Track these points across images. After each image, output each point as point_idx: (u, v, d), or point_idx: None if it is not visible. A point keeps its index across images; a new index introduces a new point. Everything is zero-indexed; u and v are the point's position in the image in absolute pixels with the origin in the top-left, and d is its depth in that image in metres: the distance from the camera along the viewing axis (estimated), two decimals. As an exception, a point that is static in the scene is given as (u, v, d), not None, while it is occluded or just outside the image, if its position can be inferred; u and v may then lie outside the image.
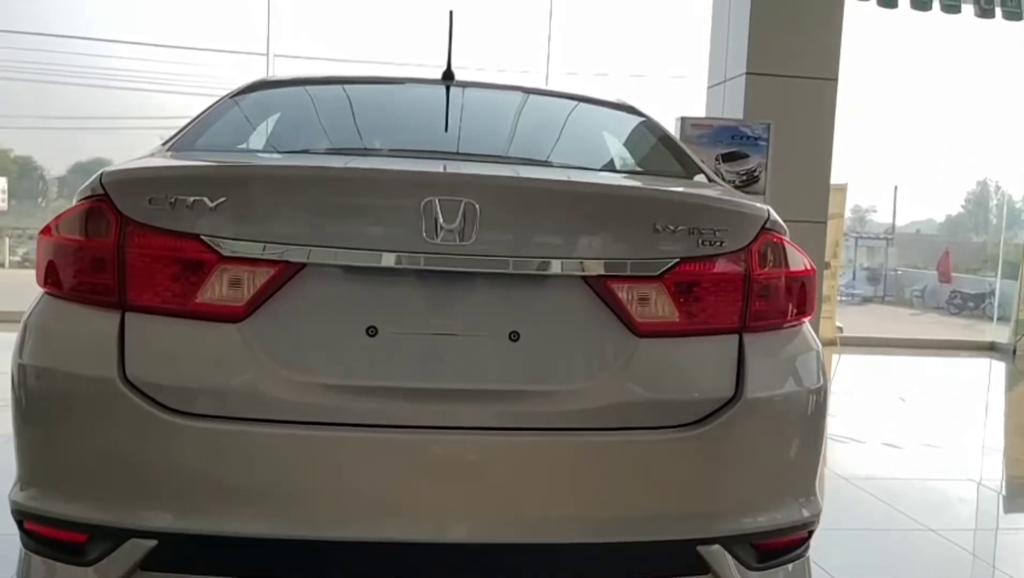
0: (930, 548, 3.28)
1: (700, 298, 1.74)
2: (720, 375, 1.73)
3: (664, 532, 1.68)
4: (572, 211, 1.71)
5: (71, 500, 1.63)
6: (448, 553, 1.63)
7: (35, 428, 1.67)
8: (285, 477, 1.59)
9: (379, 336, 1.63)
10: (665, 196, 1.88)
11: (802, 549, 1.86)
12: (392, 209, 1.64)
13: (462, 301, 1.68)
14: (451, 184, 1.66)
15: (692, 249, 1.72)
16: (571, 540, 1.66)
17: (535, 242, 1.67)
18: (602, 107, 2.74)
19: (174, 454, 1.58)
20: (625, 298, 1.70)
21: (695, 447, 1.69)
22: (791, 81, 6.52)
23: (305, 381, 1.61)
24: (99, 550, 1.61)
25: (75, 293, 1.67)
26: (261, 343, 1.61)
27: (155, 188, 1.63)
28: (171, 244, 1.62)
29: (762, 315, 1.79)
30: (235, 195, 1.62)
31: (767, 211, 1.83)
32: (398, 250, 1.61)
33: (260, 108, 2.45)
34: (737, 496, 1.75)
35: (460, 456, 1.63)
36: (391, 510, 1.60)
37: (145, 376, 1.60)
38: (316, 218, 1.64)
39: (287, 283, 1.63)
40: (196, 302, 1.62)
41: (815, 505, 1.84)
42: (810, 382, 1.84)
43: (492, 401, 1.64)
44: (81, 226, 1.66)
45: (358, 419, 1.60)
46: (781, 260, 1.81)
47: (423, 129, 2.41)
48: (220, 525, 1.58)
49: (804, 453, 1.83)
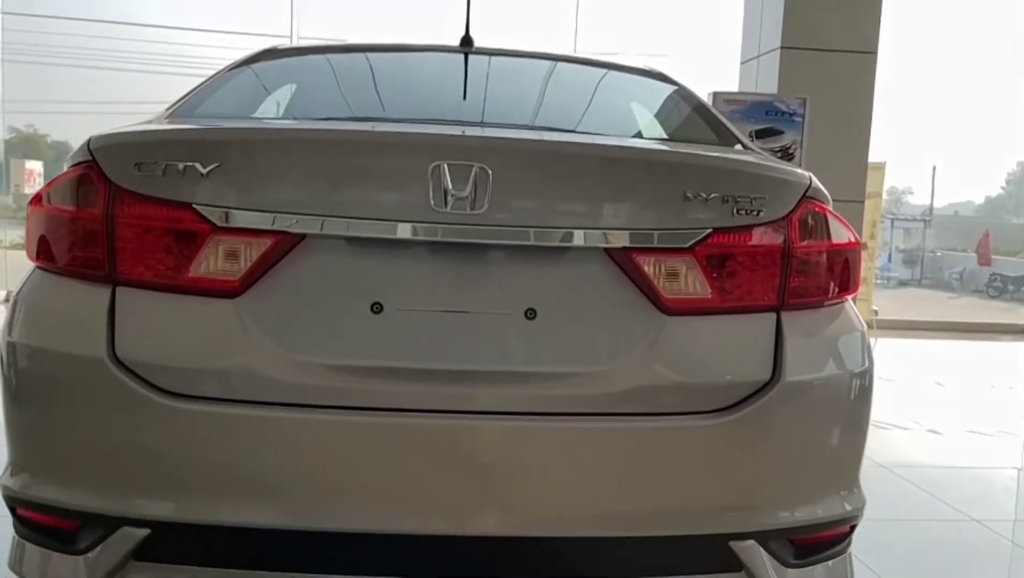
0: (973, 538, 3.14)
1: (734, 272, 1.59)
2: (756, 356, 1.59)
3: (694, 526, 1.55)
4: (593, 177, 1.57)
5: (61, 486, 1.54)
6: (456, 547, 1.52)
7: (23, 410, 1.58)
8: (283, 464, 1.48)
9: (384, 313, 1.52)
10: (696, 160, 1.73)
11: (843, 545, 1.72)
12: (397, 175, 1.52)
13: (473, 276, 1.55)
14: (460, 147, 1.53)
15: (725, 219, 1.58)
16: (593, 534, 1.53)
17: (553, 211, 1.54)
18: (632, 75, 2.59)
19: (166, 438, 1.49)
20: (651, 272, 1.56)
21: (728, 434, 1.56)
22: (828, 55, 6.30)
23: (304, 361, 1.49)
24: (91, 539, 1.53)
25: (64, 266, 1.57)
26: (257, 320, 1.50)
27: (144, 153, 1.52)
28: (161, 213, 1.51)
29: (802, 292, 1.64)
30: (229, 161, 1.51)
31: (808, 178, 1.68)
32: (403, 220, 1.49)
33: (266, 76, 2.34)
34: (773, 488, 1.61)
35: (467, 443, 1.51)
36: (395, 500, 1.49)
37: (135, 356, 1.50)
38: (315, 185, 1.52)
39: (285, 256, 1.51)
40: (188, 276, 1.51)
41: (858, 498, 1.71)
42: (854, 365, 1.69)
43: (505, 384, 1.52)
44: (68, 195, 1.56)
45: (360, 402, 1.49)
46: (823, 232, 1.66)
47: (438, 98, 2.28)
48: (215, 514, 1.48)
49: (847, 442, 1.69)
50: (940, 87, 29.50)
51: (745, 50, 7.00)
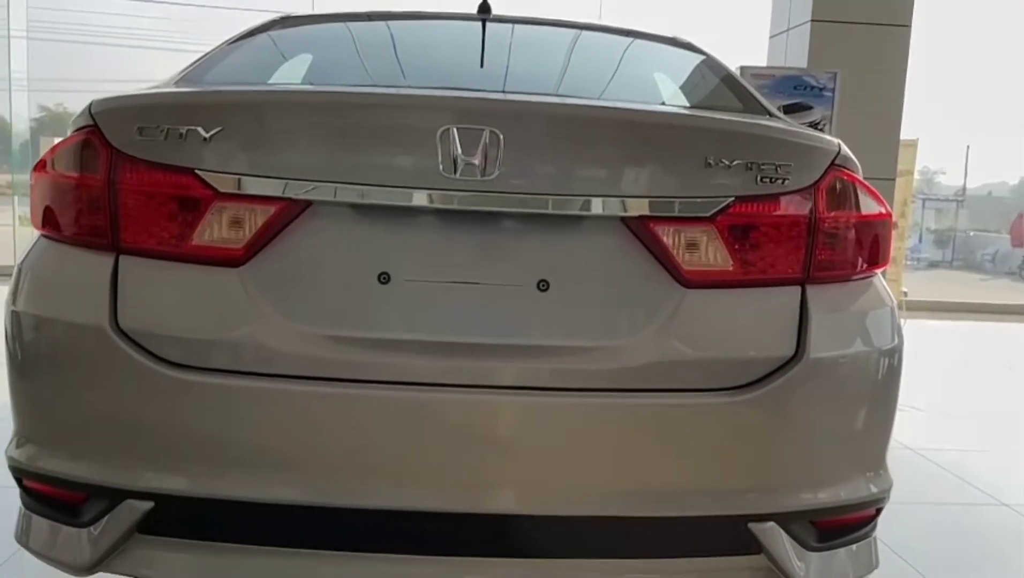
0: (1003, 524, 3.05)
1: (757, 243, 1.52)
2: (779, 331, 1.53)
3: (711, 507, 1.50)
4: (609, 141, 1.50)
5: (65, 457, 1.52)
6: (461, 524, 1.47)
7: (27, 380, 1.55)
8: (285, 438, 1.44)
9: (391, 284, 1.47)
10: (717, 124, 1.65)
11: (868, 528, 1.65)
12: (404, 139, 1.46)
13: (483, 245, 1.50)
14: (471, 110, 1.46)
15: (749, 187, 1.50)
16: (605, 513, 1.48)
17: (566, 178, 1.48)
18: (657, 44, 2.50)
19: (167, 410, 1.45)
20: (670, 243, 1.49)
21: (749, 412, 1.49)
22: (860, 28, 6.13)
23: (309, 332, 1.45)
24: (95, 511, 1.50)
25: (67, 234, 1.54)
26: (262, 290, 1.46)
27: (145, 117, 1.48)
28: (163, 179, 1.47)
29: (829, 264, 1.57)
30: (232, 124, 1.46)
31: (837, 145, 1.60)
32: (410, 186, 1.44)
33: (279, 44, 2.28)
34: (795, 468, 1.55)
35: (475, 418, 1.46)
36: (402, 476, 1.45)
37: (138, 325, 1.46)
38: (320, 150, 1.47)
39: (290, 224, 1.47)
40: (191, 244, 1.47)
41: (885, 480, 1.64)
42: (882, 341, 1.61)
43: (515, 358, 1.46)
44: (70, 160, 1.53)
45: (365, 375, 1.44)
46: (852, 201, 1.58)
47: (455, 66, 2.21)
48: (218, 488, 1.45)
49: (874, 421, 1.61)
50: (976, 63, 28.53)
51: (774, 23, 6.84)
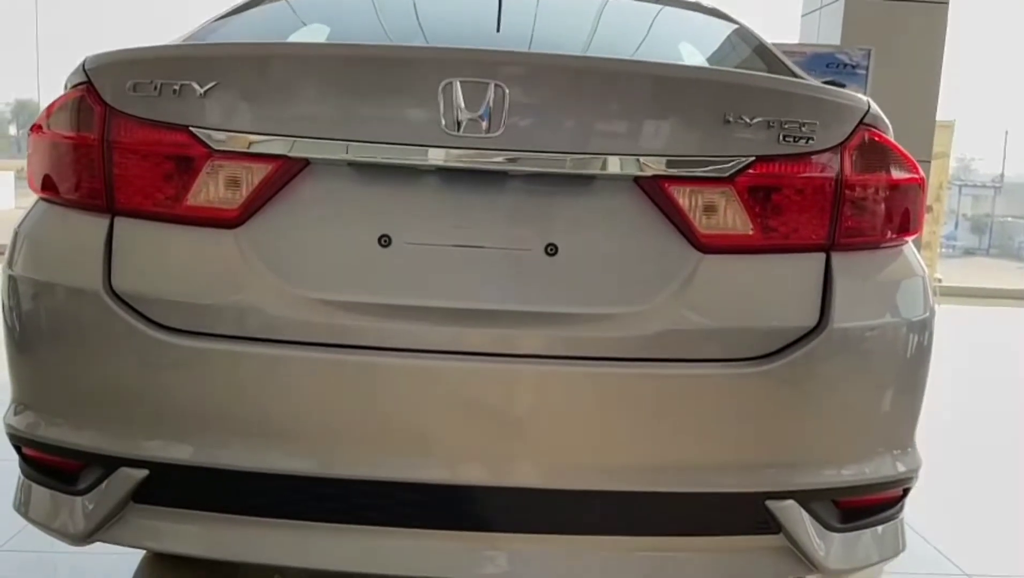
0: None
1: (779, 207, 1.44)
2: (801, 300, 1.45)
3: (726, 483, 1.42)
4: (622, 97, 1.43)
5: (60, 424, 1.48)
6: (461, 497, 1.41)
7: (23, 345, 1.52)
8: (281, 404, 1.39)
9: (392, 247, 1.41)
10: (737, 79, 1.57)
11: (895, 509, 1.57)
12: (405, 94, 1.40)
13: (488, 207, 1.43)
14: (474, 62, 1.39)
15: (771, 146, 1.42)
16: (615, 487, 1.41)
17: (575, 135, 1.41)
18: (685, 11, 2.41)
19: (162, 375, 1.41)
20: (686, 205, 1.42)
21: (768, 384, 1.41)
22: (895, 5, 5.98)
23: (306, 296, 1.39)
24: (91, 479, 1.47)
25: (62, 196, 1.50)
26: (259, 252, 1.41)
27: (139, 72, 1.43)
28: (157, 137, 1.42)
29: (855, 230, 1.48)
30: (227, 80, 1.41)
31: (867, 103, 1.50)
32: (411, 144, 1.38)
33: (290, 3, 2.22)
34: (816, 444, 1.47)
35: (478, 387, 1.39)
36: (401, 446, 1.39)
37: (132, 288, 1.42)
38: (318, 106, 1.42)
39: (288, 183, 1.42)
40: (187, 205, 1.42)
41: (912, 459, 1.55)
42: (912, 312, 1.53)
43: (521, 325, 1.40)
44: (64, 119, 1.48)
45: (365, 340, 1.39)
46: (882, 163, 1.49)
47: (469, 29, 2.13)
48: (214, 457, 1.40)
49: (901, 396, 1.53)
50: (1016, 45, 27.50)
51: (807, 1, 6.68)
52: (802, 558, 1.46)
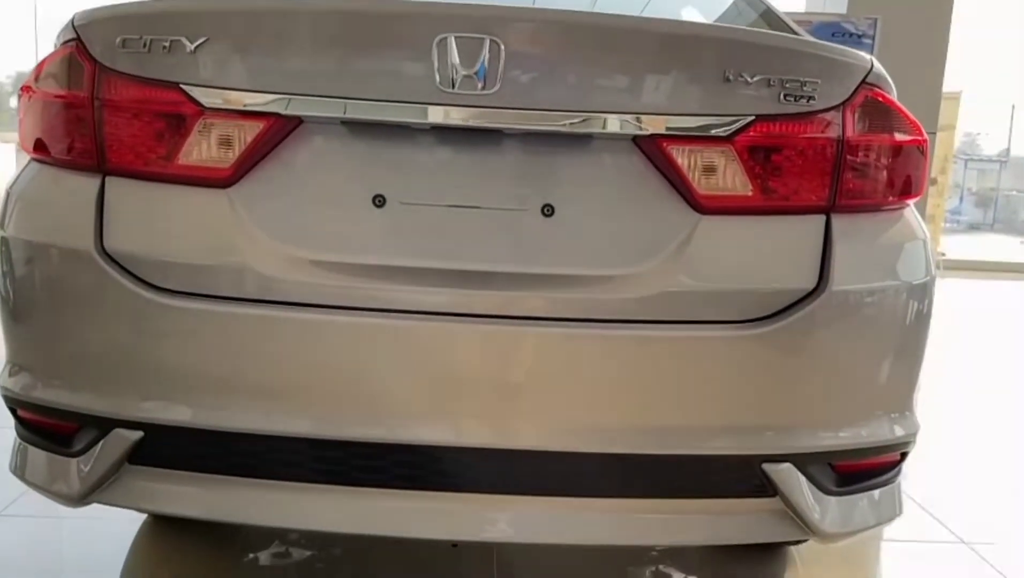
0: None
1: (779, 167, 1.42)
2: (800, 262, 1.43)
3: (723, 445, 1.42)
4: (618, 54, 1.40)
5: (55, 386, 1.48)
6: (453, 458, 1.40)
7: (16, 305, 1.51)
8: (274, 365, 1.38)
9: (387, 207, 1.39)
10: (738, 36, 1.54)
11: (892, 474, 1.57)
12: (398, 50, 1.38)
13: (483, 166, 1.41)
14: (469, 17, 1.37)
15: (771, 105, 1.40)
16: (611, 450, 1.41)
17: (572, 92, 1.38)
18: None
19: (154, 336, 1.40)
20: (685, 164, 1.40)
21: (765, 346, 1.40)
22: (903, -27, 5.86)
23: (299, 256, 1.38)
24: (86, 441, 1.46)
25: (53, 155, 1.48)
26: (252, 212, 1.39)
27: (128, 28, 1.40)
28: (148, 95, 1.40)
29: (857, 192, 1.46)
30: (218, 35, 1.38)
31: (870, 61, 1.48)
32: (405, 101, 1.36)
33: None
34: (813, 407, 1.46)
35: (472, 349, 1.39)
36: (395, 408, 1.39)
37: (124, 248, 1.41)
38: (310, 62, 1.39)
39: (281, 142, 1.40)
40: (178, 164, 1.40)
41: (910, 423, 1.54)
42: (912, 275, 1.51)
43: (516, 286, 1.39)
44: (54, 76, 1.46)
45: (358, 302, 1.37)
46: (885, 124, 1.47)
47: None
48: (208, 418, 1.39)
49: (901, 360, 1.52)
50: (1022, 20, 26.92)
51: (813, -31, 6.59)
52: (798, 521, 1.46)
